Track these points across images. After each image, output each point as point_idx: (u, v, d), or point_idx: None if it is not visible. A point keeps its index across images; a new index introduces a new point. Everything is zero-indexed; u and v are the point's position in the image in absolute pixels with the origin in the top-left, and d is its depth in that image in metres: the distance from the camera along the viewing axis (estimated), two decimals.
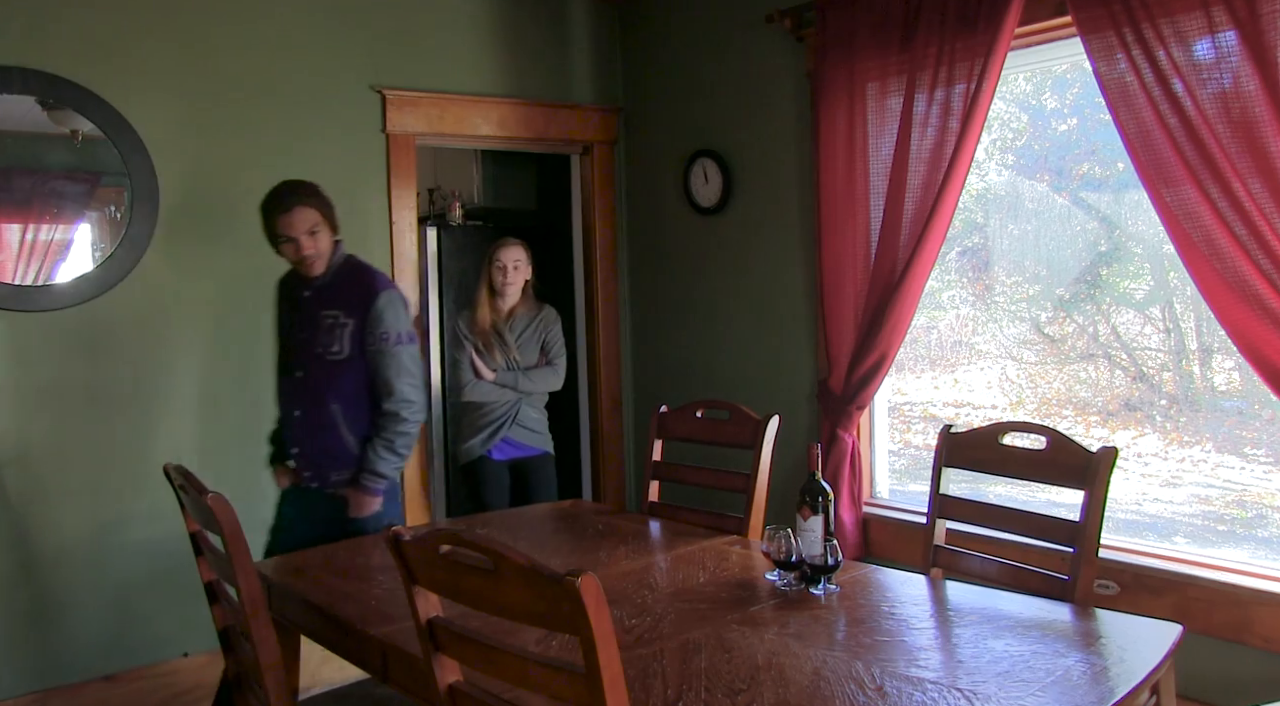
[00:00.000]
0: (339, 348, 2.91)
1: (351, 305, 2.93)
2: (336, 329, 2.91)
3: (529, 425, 3.98)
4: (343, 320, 2.91)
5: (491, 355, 3.91)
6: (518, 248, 3.93)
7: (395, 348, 2.94)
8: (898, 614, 2.12)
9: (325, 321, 2.93)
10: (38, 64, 3.30)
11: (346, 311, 2.93)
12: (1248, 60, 2.54)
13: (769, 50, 4.01)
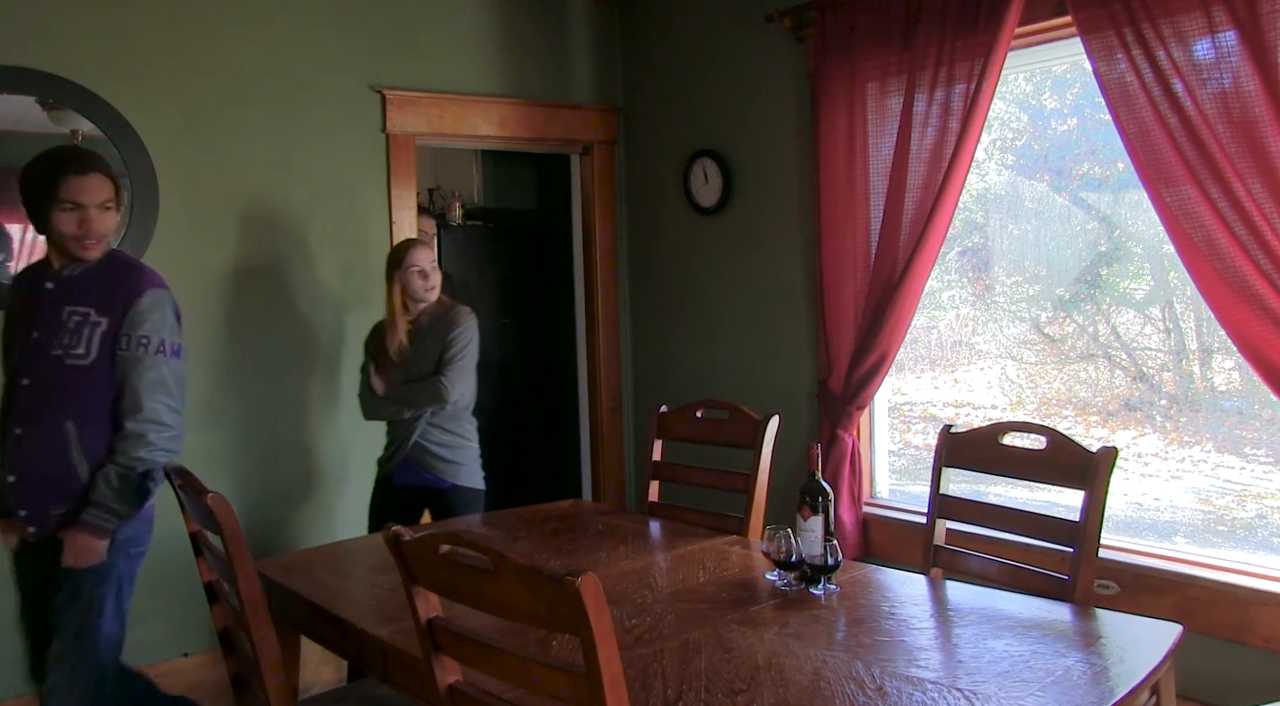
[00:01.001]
0: (84, 350, 2.36)
1: (108, 302, 2.41)
2: (84, 328, 2.37)
3: (433, 449, 3.38)
4: (94, 319, 2.37)
5: (392, 366, 3.41)
6: (429, 248, 3.46)
7: (154, 356, 2.40)
8: (898, 614, 2.12)
9: (70, 319, 2.38)
10: (38, 64, 3.30)
11: (100, 309, 2.40)
12: (1248, 60, 2.54)
13: (769, 50, 4.01)
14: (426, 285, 3.39)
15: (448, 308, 3.43)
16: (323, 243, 3.92)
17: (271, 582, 2.38)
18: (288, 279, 3.81)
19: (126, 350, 2.38)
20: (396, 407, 3.39)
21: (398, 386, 3.38)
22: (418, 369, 3.37)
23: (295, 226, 3.85)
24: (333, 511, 3.92)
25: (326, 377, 3.91)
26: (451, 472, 3.40)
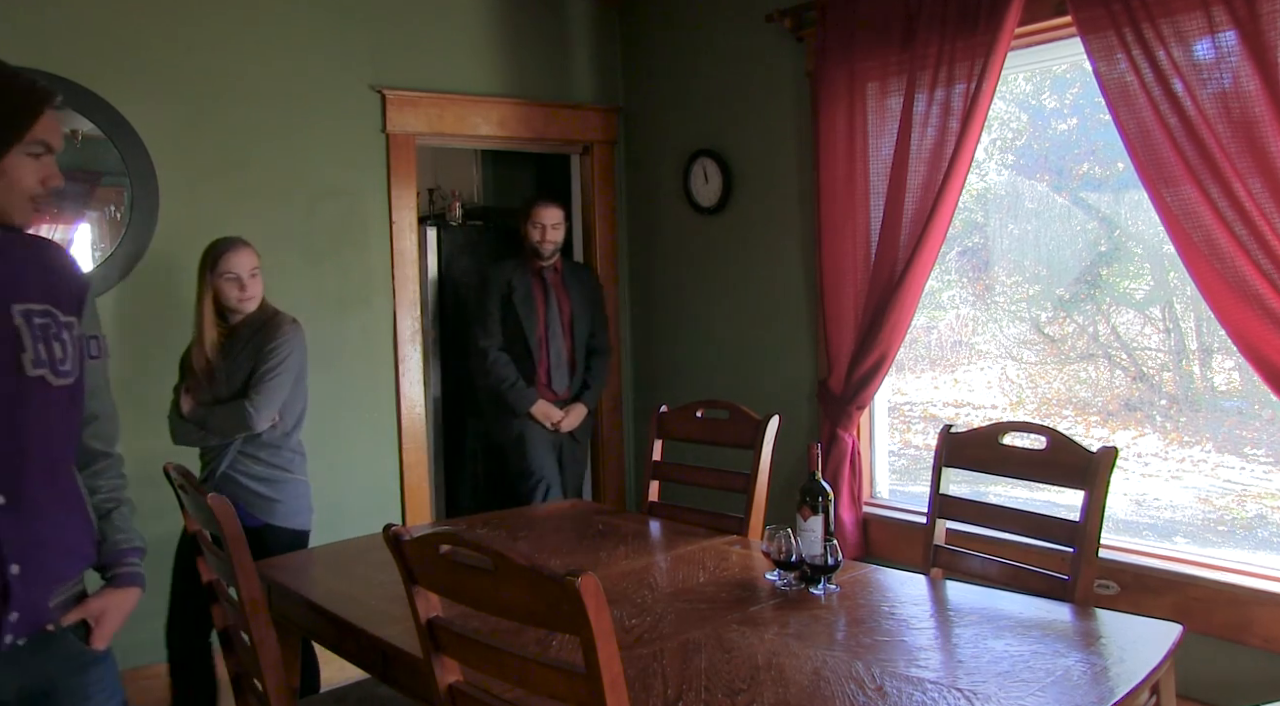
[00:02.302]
0: (69, 366, 1.66)
1: (61, 295, 1.70)
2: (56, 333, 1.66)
3: (244, 482, 2.94)
4: (62, 318, 1.67)
5: (200, 384, 2.96)
6: (250, 252, 2.98)
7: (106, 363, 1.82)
8: (898, 614, 2.12)
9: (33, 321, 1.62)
10: (38, 64, 3.30)
11: (59, 304, 1.68)
12: (1248, 60, 2.54)
13: (769, 50, 4.01)
14: (242, 296, 2.94)
15: (269, 316, 2.99)
16: (323, 242, 3.92)
17: (271, 582, 2.37)
18: (288, 278, 3.81)
19: (97, 357, 1.79)
20: (202, 433, 2.96)
21: (201, 408, 2.94)
22: (227, 388, 2.92)
23: (295, 226, 3.85)
24: (333, 511, 3.91)
25: (326, 378, 3.91)
26: (265, 510, 2.95)
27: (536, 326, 4.02)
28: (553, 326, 4.06)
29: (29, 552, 1.58)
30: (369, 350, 4.08)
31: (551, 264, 4.09)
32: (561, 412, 4.03)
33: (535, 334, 4.02)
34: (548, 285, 4.08)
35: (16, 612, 1.57)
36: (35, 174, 1.62)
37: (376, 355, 4.10)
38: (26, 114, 1.60)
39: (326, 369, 3.91)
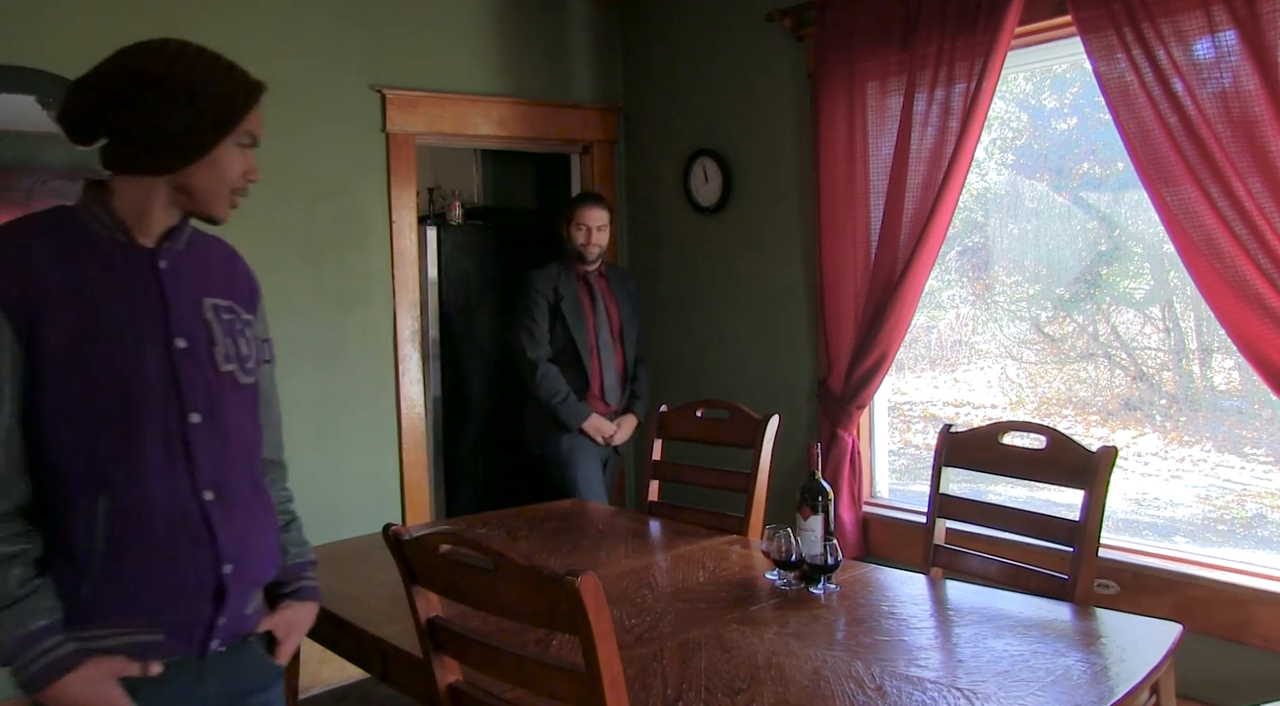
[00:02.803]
0: (252, 365, 1.65)
1: (240, 293, 1.69)
2: (240, 330, 1.64)
3: None
4: (243, 316, 1.66)
5: None
6: None
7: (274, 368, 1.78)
8: (898, 613, 2.12)
9: (221, 316, 1.61)
10: (37, 63, 3.30)
11: (239, 302, 1.67)
12: (1247, 59, 2.54)
13: (769, 50, 4.01)
14: None
15: None
16: (323, 242, 3.92)
17: None
18: (287, 278, 3.81)
19: (269, 361, 1.73)
20: None
21: None
22: None
23: (295, 226, 3.85)
24: (333, 511, 3.91)
25: (326, 378, 3.91)
26: None
27: (587, 335, 3.89)
28: (603, 335, 3.94)
29: (239, 552, 1.53)
30: (369, 350, 4.08)
31: (596, 268, 3.97)
32: (614, 426, 3.93)
33: (586, 343, 3.89)
34: (595, 291, 3.96)
35: (225, 617, 1.52)
36: (241, 165, 1.61)
37: (376, 355, 4.10)
38: (244, 103, 1.63)
39: (326, 368, 3.92)
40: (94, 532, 1.41)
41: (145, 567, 1.43)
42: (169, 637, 1.45)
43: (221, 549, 1.50)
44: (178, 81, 1.50)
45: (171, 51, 1.57)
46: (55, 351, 1.39)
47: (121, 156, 1.48)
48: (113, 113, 1.46)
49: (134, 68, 1.49)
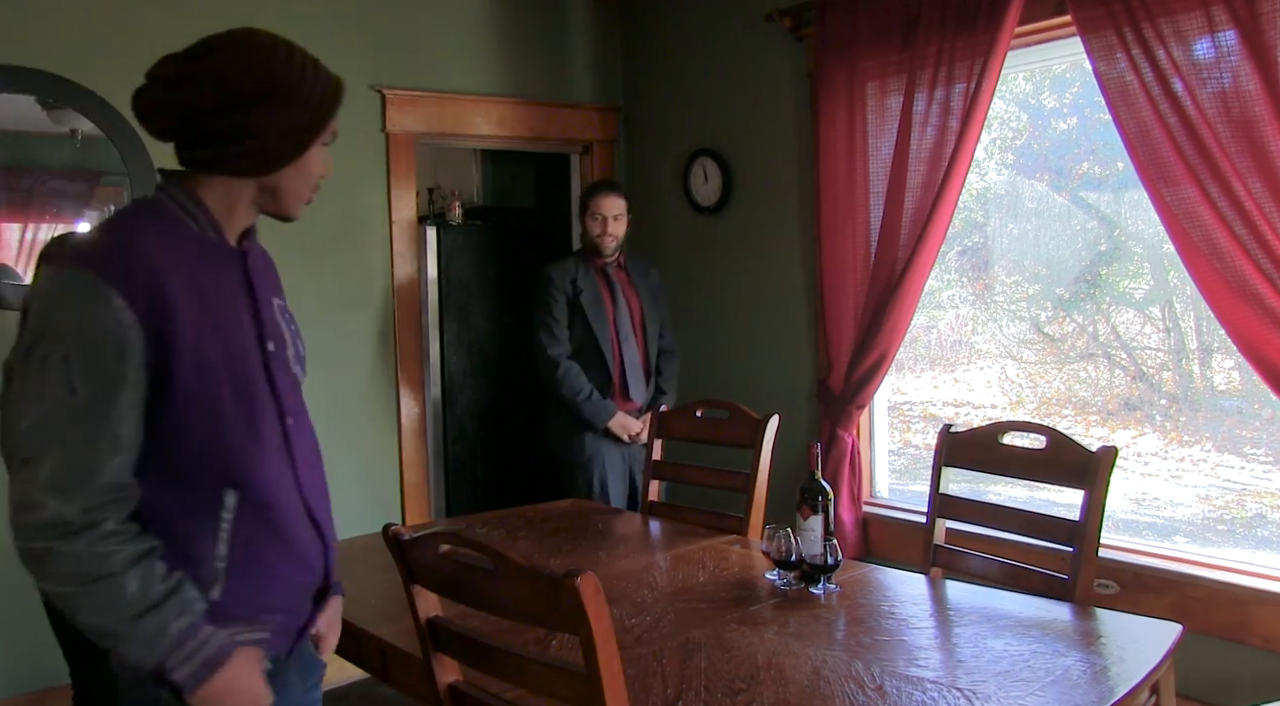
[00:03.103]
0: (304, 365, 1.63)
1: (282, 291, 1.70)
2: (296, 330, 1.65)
3: None
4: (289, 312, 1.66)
5: None
6: None
7: None
8: (897, 613, 2.12)
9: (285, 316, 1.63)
10: (38, 63, 3.30)
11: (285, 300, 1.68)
12: (1247, 59, 2.54)
13: (769, 49, 4.01)
14: None
15: None
16: (322, 242, 3.92)
17: None
18: (287, 278, 3.78)
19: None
20: None
21: None
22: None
23: (294, 225, 3.83)
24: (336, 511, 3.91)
25: (326, 378, 3.91)
26: None
27: (607, 330, 3.73)
28: (624, 329, 3.77)
29: (332, 552, 1.57)
30: (369, 350, 4.08)
31: (615, 260, 3.81)
32: (640, 424, 3.73)
33: (607, 338, 3.72)
34: (614, 284, 3.79)
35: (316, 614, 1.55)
36: (322, 164, 1.62)
37: (376, 355, 4.10)
38: (333, 104, 1.58)
39: (326, 368, 3.91)
40: (220, 534, 1.38)
41: (274, 566, 1.43)
42: (274, 635, 1.44)
43: (328, 548, 1.55)
44: (278, 85, 1.47)
45: (264, 50, 1.52)
46: (184, 351, 1.34)
47: (217, 158, 1.43)
48: (216, 117, 1.41)
49: (234, 71, 1.44)
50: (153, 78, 1.42)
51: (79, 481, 1.26)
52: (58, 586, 1.28)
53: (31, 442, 1.27)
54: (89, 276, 1.29)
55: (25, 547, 1.27)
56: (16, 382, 1.30)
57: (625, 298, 3.80)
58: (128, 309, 1.29)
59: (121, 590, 1.28)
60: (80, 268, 1.30)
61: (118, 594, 1.27)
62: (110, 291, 1.28)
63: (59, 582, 1.27)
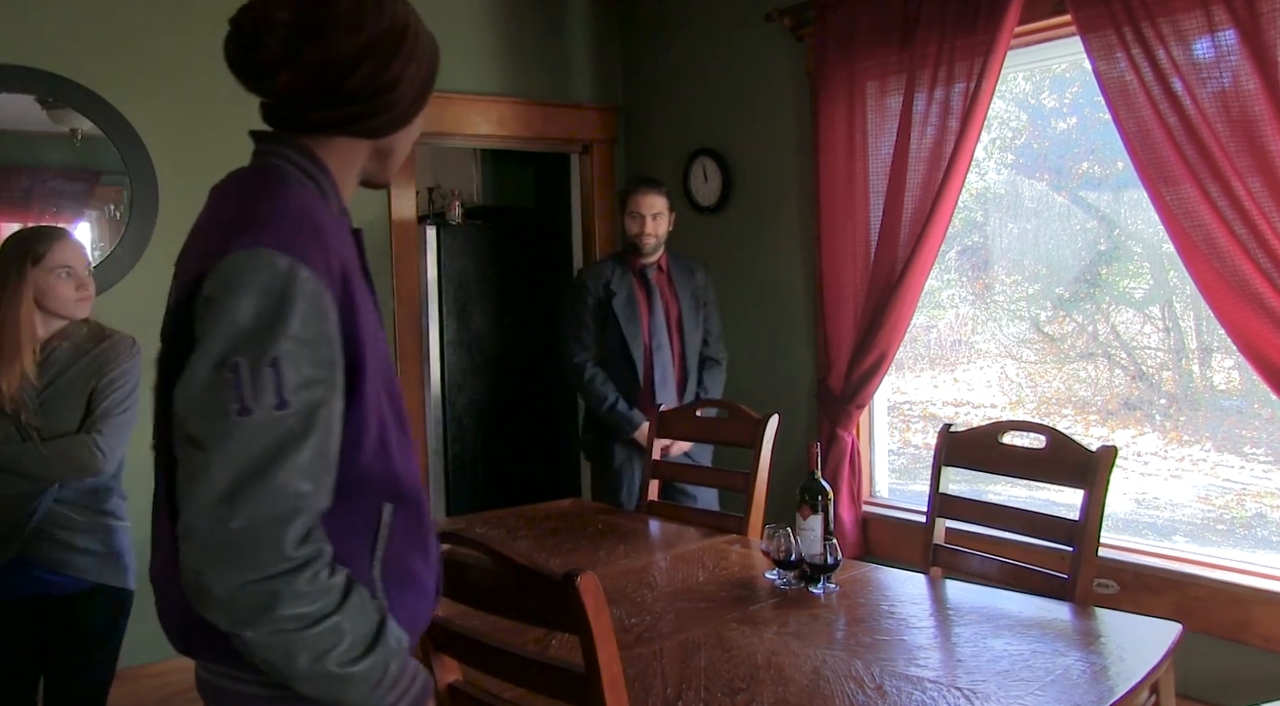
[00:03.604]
0: None
1: None
2: None
3: (65, 538, 2.30)
4: None
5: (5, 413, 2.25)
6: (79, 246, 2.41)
7: None
8: (897, 613, 2.12)
9: None
10: (37, 63, 3.30)
11: None
12: (1247, 59, 2.54)
13: (769, 49, 4.01)
14: (80, 295, 2.35)
15: (100, 335, 2.40)
16: None
17: None
18: None
19: None
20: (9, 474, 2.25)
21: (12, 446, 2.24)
22: (47, 421, 2.28)
23: None
24: None
25: None
26: (96, 569, 2.34)
27: (640, 335, 3.57)
28: (658, 335, 3.59)
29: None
30: None
31: (655, 262, 3.65)
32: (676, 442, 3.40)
33: (639, 344, 3.56)
34: (651, 286, 3.62)
35: None
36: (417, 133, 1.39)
37: None
38: (437, 69, 1.34)
39: None
40: (375, 551, 1.21)
41: (421, 579, 1.27)
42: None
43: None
44: (407, 30, 1.24)
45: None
46: (366, 347, 1.18)
47: (350, 117, 1.23)
48: (356, 69, 1.20)
49: (370, 14, 1.21)
50: (267, 25, 1.19)
51: (298, 509, 1.06)
52: (272, 634, 1.05)
53: (235, 469, 1.04)
54: (287, 262, 1.08)
55: (238, 591, 1.03)
56: (206, 395, 1.06)
57: (663, 302, 3.63)
58: (334, 306, 1.12)
59: (342, 630, 1.08)
60: (279, 251, 1.09)
61: (339, 634, 1.08)
62: (320, 284, 1.10)
63: (277, 627, 1.04)
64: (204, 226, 1.22)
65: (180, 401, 1.08)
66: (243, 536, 1.03)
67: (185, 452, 1.07)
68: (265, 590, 1.03)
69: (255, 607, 1.03)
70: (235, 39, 1.23)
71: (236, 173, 1.26)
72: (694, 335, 3.65)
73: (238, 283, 1.07)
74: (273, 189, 1.18)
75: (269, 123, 1.26)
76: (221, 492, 1.03)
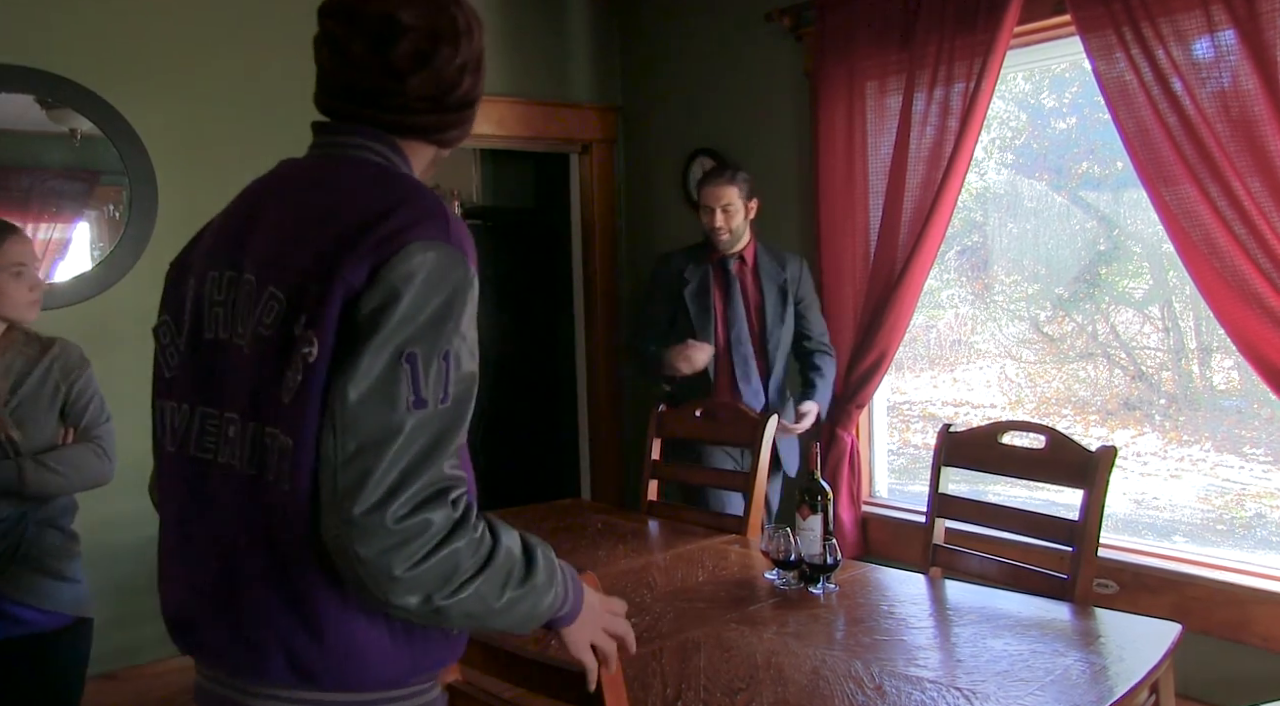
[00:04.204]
0: None
1: None
2: None
3: (47, 561, 2.15)
4: None
5: None
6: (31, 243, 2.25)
7: None
8: (897, 613, 2.12)
9: None
10: (37, 63, 3.30)
11: None
12: (1246, 59, 2.54)
13: (768, 49, 4.01)
14: (32, 298, 2.17)
15: (40, 340, 2.22)
16: None
17: None
18: None
19: None
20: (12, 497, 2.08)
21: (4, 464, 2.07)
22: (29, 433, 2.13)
23: None
24: None
25: None
26: (70, 600, 2.17)
27: (711, 326, 3.35)
28: (736, 330, 3.36)
29: None
30: None
31: (737, 253, 3.42)
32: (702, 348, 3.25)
33: (709, 336, 3.35)
34: (730, 278, 3.40)
35: None
36: None
37: None
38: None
39: None
40: None
41: None
42: None
43: None
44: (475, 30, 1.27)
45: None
46: None
47: (442, 125, 1.27)
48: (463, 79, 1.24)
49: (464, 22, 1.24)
50: (397, 27, 1.18)
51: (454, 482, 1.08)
52: (465, 589, 1.08)
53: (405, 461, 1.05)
54: (462, 256, 1.11)
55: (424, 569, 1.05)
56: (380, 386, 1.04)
57: (746, 295, 3.41)
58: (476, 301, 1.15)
59: (511, 553, 1.12)
60: (455, 246, 1.11)
61: (510, 557, 1.12)
62: (474, 276, 1.13)
63: (465, 580, 1.07)
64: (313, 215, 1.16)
65: (347, 391, 1.04)
66: (413, 522, 1.04)
67: (342, 442, 1.04)
68: (446, 557, 1.05)
69: (443, 575, 1.05)
70: (360, 36, 1.19)
71: (324, 160, 1.24)
72: (777, 330, 3.38)
73: (420, 275, 1.07)
74: (415, 182, 1.20)
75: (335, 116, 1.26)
76: (392, 485, 1.03)
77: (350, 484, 1.03)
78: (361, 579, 1.04)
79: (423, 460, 1.05)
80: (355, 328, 1.06)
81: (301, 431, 1.08)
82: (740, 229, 3.38)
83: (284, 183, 1.25)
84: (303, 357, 1.08)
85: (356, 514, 1.03)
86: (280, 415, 1.10)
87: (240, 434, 1.15)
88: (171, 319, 1.35)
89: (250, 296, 1.16)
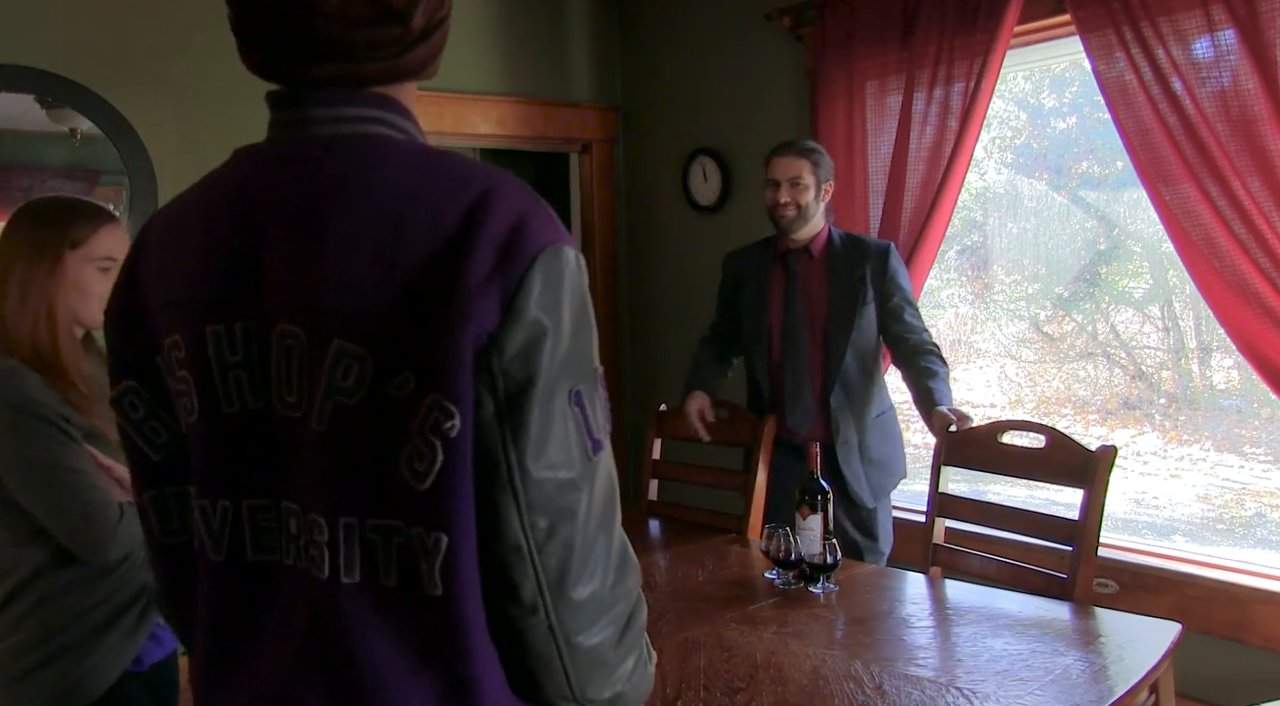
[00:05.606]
0: None
1: None
2: None
3: None
4: None
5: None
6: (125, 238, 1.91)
7: None
8: (897, 612, 2.12)
9: None
10: (37, 62, 3.30)
11: None
12: (1247, 59, 2.54)
13: (768, 48, 4.01)
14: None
15: None
16: None
17: None
18: None
19: None
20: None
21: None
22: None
23: None
24: None
25: None
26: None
27: (763, 334, 2.94)
28: (794, 333, 2.89)
29: None
30: None
31: (805, 243, 2.94)
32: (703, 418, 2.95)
33: (761, 344, 2.95)
34: (793, 274, 2.93)
35: None
36: None
37: None
38: None
39: None
40: None
41: None
42: None
43: None
44: None
45: None
46: None
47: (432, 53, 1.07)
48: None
49: None
50: None
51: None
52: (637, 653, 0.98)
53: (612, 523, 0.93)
54: (578, 250, 0.90)
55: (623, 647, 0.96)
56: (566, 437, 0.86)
57: (805, 291, 2.92)
58: None
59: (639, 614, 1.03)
60: (570, 240, 0.89)
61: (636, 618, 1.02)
62: None
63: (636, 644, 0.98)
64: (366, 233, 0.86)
65: (524, 463, 0.84)
66: (622, 590, 0.93)
67: (532, 522, 0.85)
68: (636, 626, 0.97)
69: (631, 645, 0.96)
70: None
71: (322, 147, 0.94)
72: (842, 336, 2.84)
73: (562, 293, 0.85)
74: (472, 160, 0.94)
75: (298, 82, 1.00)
76: (598, 553, 0.90)
77: (557, 567, 0.86)
78: (567, 676, 0.89)
79: (610, 511, 0.92)
80: (503, 379, 0.83)
81: (457, 522, 0.84)
82: (810, 210, 2.90)
83: (283, 191, 0.92)
84: (443, 434, 0.82)
85: (578, 599, 0.88)
86: (415, 506, 0.84)
87: (323, 532, 0.87)
88: (140, 385, 0.98)
89: (302, 355, 0.86)
